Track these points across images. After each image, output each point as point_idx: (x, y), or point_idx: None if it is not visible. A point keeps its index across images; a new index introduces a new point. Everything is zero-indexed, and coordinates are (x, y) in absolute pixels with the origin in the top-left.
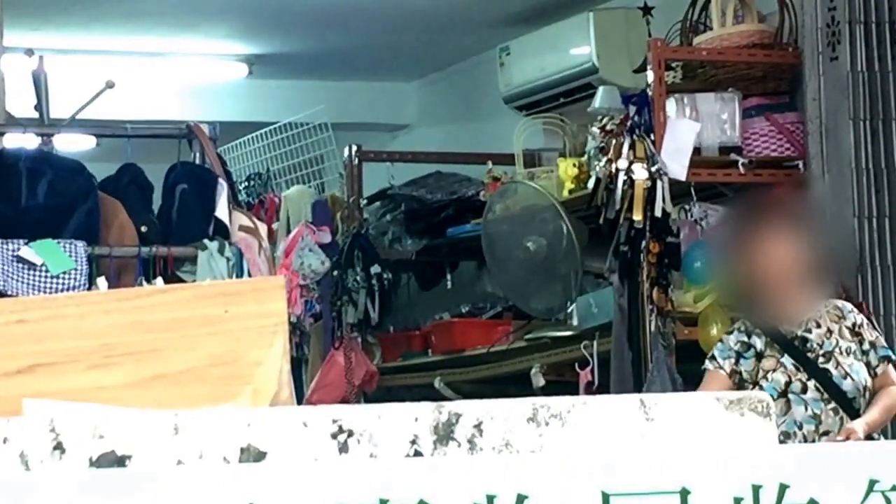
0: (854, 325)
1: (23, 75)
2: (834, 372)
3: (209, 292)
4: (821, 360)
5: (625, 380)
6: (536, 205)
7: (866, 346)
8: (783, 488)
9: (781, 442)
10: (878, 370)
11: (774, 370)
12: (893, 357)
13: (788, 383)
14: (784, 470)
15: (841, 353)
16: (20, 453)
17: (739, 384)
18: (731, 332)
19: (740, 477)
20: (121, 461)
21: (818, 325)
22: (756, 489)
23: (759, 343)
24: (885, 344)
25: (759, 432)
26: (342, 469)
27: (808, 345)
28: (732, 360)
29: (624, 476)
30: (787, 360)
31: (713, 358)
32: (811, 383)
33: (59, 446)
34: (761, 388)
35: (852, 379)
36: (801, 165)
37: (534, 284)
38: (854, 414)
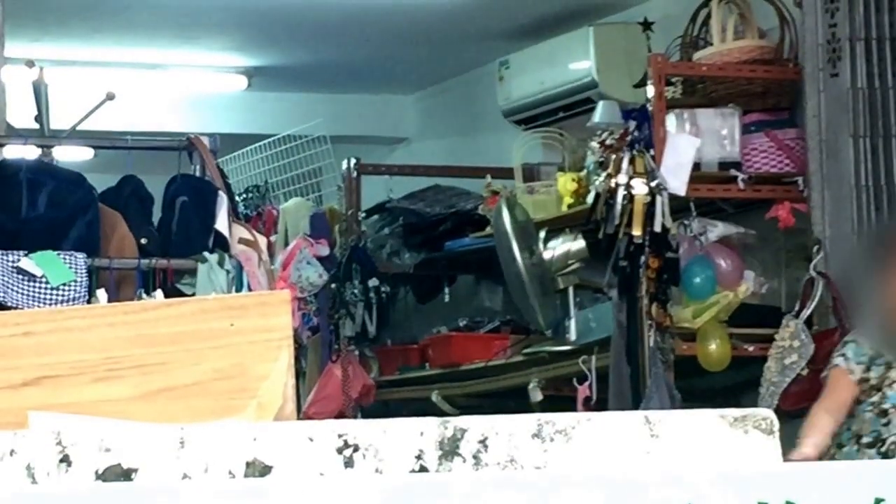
0: None
1: (23, 86)
2: None
3: (214, 306)
4: None
5: (623, 395)
6: (526, 223)
7: None
8: None
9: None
10: None
11: None
12: None
13: None
14: (790, 487)
15: None
16: (27, 466)
17: (864, 391)
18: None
19: (746, 494)
20: (127, 474)
21: None
22: None
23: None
24: None
25: (763, 449)
26: (348, 484)
27: None
28: (864, 367)
29: (630, 493)
30: None
31: (846, 357)
32: None
33: (65, 459)
34: (885, 395)
35: None
36: (800, 182)
37: (524, 300)
38: None
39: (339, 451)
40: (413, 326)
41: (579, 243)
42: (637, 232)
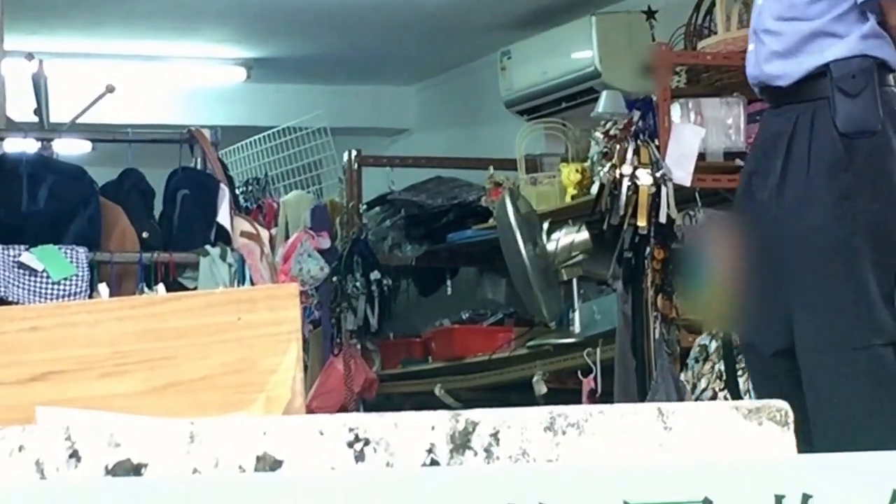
0: None
1: (23, 79)
2: (742, 386)
3: (222, 300)
4: (740, 371)
5: (628, 387)
6: (529, 215)
7: None
8: (806, 498)
9: None
10: None
11: (703, 375)
12: None
13: (704, 390)
14: (807, 479)
15: None
16: (36, 461)
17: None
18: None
19: (763, 487)
20: (137, 469)
21: None
22: (779, 499)
23: (712, 347)
24: None
25: (777, 441)
26: (359, 478)
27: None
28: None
29: (645, 486)
30: (719, 367)
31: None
32: (723, 394)
33: (74, 454)
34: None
35: (751, 396)
36: None
37: (529, 292)
38: None
39: (350, 444)
40: (415, 319)
41: (583, 235)
42: (642, 223)
